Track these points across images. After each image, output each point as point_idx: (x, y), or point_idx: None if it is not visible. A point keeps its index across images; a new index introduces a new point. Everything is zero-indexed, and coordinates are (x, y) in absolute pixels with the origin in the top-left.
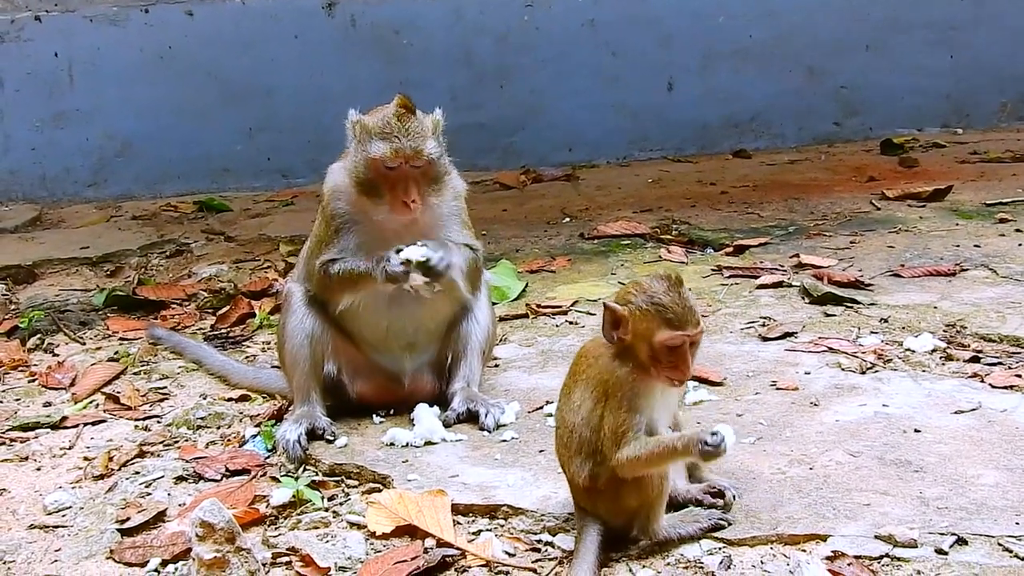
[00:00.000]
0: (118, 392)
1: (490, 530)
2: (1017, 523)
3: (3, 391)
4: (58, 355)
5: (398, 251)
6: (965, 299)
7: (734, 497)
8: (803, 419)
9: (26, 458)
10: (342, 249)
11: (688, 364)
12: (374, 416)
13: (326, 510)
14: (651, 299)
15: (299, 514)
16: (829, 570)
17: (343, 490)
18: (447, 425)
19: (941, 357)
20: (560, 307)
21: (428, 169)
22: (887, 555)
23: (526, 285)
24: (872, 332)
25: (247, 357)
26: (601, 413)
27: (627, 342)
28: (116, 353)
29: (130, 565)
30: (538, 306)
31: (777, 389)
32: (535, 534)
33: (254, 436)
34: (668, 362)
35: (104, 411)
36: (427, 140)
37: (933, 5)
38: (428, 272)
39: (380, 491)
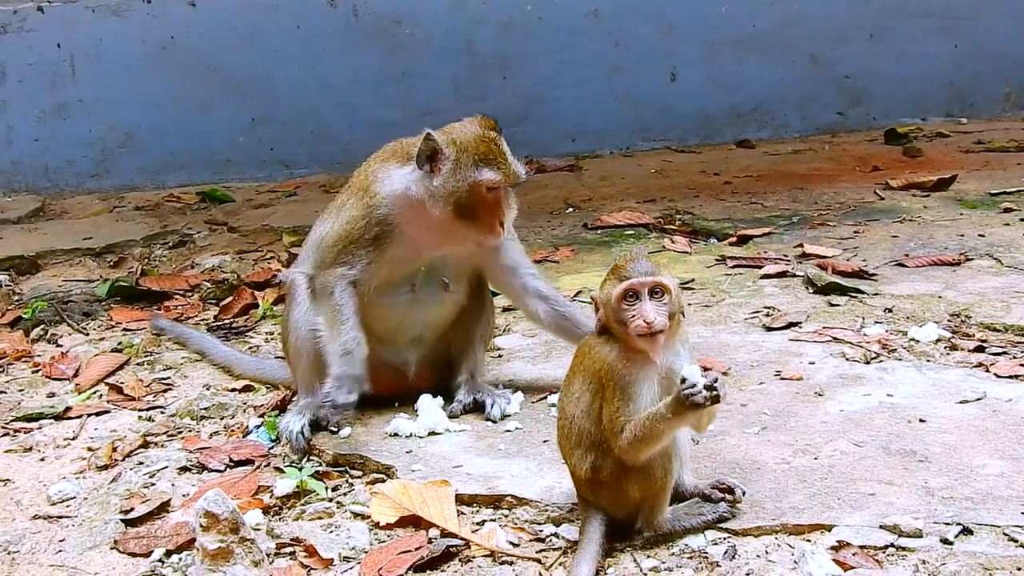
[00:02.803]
0: (121, 383)
1: (494, 520)
2: (1023, 513)
3: (7, 382)
4: (61, 346)
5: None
6: (970, 289)
7: (743, 493)
8: (807, 409)
9: (30, 448)
10: (371, 262)
11: (648, 309)
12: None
13: (330, 500)
14: (611, 268)
15: (303, 504)
16: (834, 560)
17: (347, 480)
18: (454, 416)
19: (946, 347)
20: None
21: (512, 190)
22: (892, 545)
23: None
24: (876, 322)
25: (250, 348)
26: (600, 404)
27: (604, 322)
28: (119, 344)
29: (134, 555)
30: None
31: (781, 379)
32: (539, 524)
33: (258, 426)
34: (630, 317)
35: (108, 402)
36: (519, 163)
37: None
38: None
39: (384, 481)
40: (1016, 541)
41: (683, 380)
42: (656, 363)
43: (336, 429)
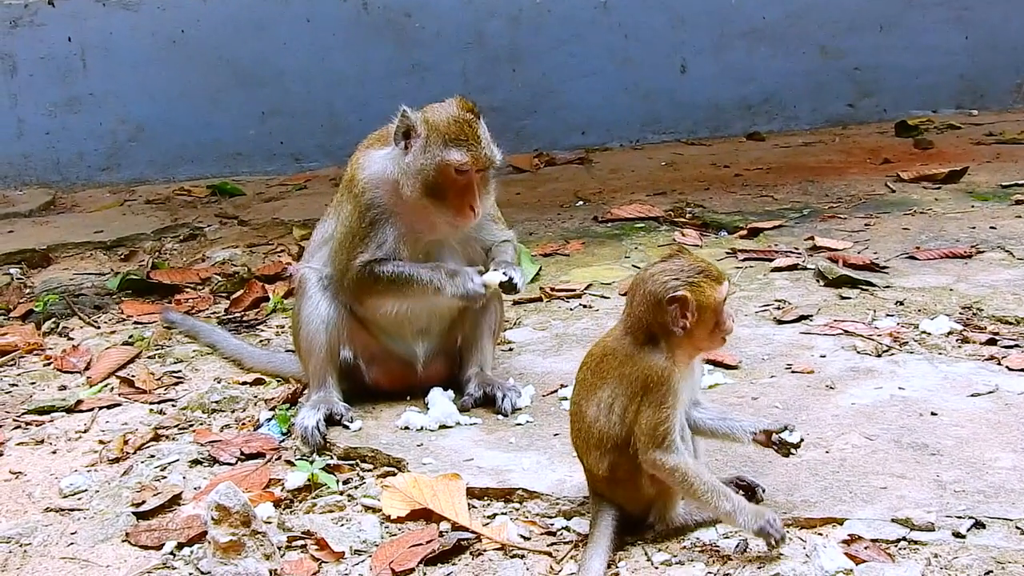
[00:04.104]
0: (133, 376)
1: (505, 514)
2: None
3: (18, 375)
4: (73, 339)
5: (480, 273)
6: (981, 281)
7: (763, 491)
8: (819, 402)
9: (42, 441)
10: (380, 245)
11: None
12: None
13: (341, 494)
14: (696, 271)
15: (314, 498)
16: (846, 553)
17: (358, 474)
18: (464, 410)
19: (957, 340)
20: (574, 291)
21: (488, 174)
22: (904, 538)
23: (540, 269)
24: (888, 315)
25: (261, 341)
26: (636, 409)
27: (692, 324)
28: (130, 337)
29: (146, 548)
30: (552, 289)
31: (792, 372)
32: (550, 518)
33: (269, 420)
34: (726, 319)
35: (119, 395)
36: (494, 147)
37: None
38: (509, 291)
39: (395, 475)
40: None
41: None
42: (692, 366)
43: (349, 424)
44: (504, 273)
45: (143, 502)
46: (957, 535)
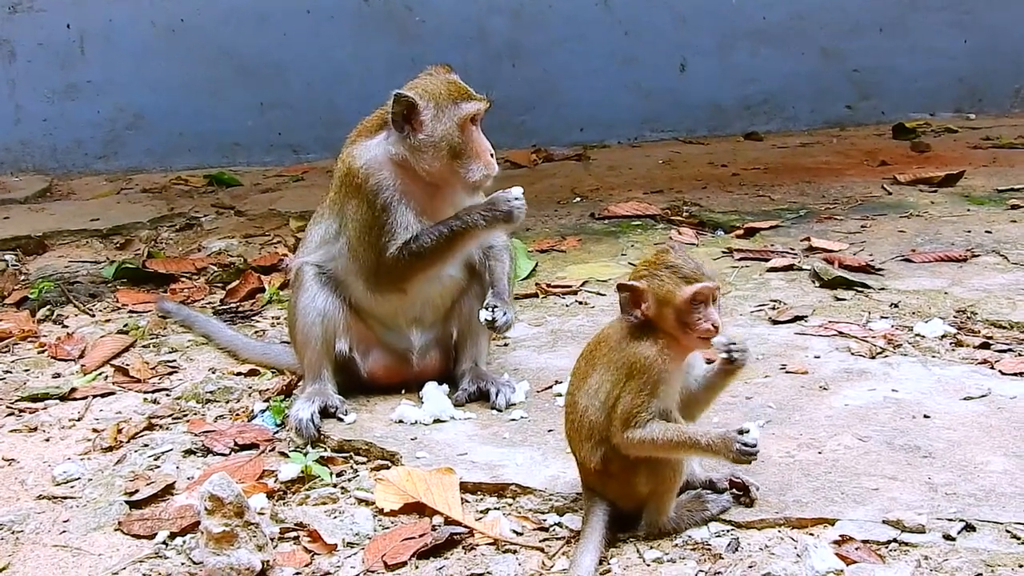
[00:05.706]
0: (127, 365)
1: (498, 509)
2: None
3: (12, 361)
4: (67, 327)
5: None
6: (976, 285)
7: (757, 489)
8: (812, 403)
9: (35, 429)
10: (406, 226)
11: (717, 316)
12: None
13: (334, 486)
14: (662, 264)
15: (307, 489)
16: (837, 554)
17: (351, 466)
18: (458, 405)
19: (951, 343)
20: (570, 287)
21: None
22: (895, 540)
23: (536, 265)
24: (882, 317)
25: (256, 332)
26: (617, 395)
27: (650, 316)
28: (125, 326)
29: (138, 537)
30: (548, 286)
31: (787, 372)
32: (543, 513)
33: (263, 411)
34: (696, 320)
35: (113, 383)
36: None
37: None
38: (491, 328)
39: (388, 468)
40: (1018, 538)
41: (743, 432)
42: (686, 361)
43: (344, 416)
44: (490, 310)
45: (136, 491)
46: (948, 537)
